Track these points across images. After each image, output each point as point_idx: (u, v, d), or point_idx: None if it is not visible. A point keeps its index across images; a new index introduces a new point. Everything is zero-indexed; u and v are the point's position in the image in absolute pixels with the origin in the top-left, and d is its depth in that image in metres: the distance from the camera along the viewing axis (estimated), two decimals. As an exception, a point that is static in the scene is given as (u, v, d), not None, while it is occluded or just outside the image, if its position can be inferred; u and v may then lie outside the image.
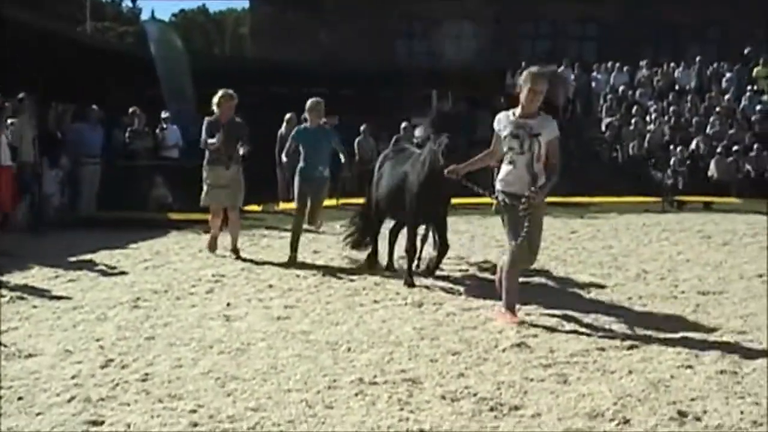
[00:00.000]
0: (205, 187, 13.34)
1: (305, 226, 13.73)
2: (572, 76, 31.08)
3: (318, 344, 7.92)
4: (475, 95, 28.63)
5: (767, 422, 5.86)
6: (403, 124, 25.33)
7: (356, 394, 6.36)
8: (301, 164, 13.40)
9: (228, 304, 9.75)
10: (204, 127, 13.27)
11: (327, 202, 22.01)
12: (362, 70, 29.63)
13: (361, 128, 24.79)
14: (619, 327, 8.62)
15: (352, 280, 11.37)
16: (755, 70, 31.91)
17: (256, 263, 12.80)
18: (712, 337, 8.32)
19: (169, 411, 5.98)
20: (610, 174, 25.47)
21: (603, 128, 28.63)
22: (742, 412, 6.02)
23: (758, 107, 29.82)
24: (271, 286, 10.96)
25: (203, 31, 74.25)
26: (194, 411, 5.98)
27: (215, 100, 13.20)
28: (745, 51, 32.75)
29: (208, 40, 72.50)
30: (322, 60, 31.28)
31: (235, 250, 13.41)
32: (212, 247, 13.59)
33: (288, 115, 23.50)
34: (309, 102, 13.59)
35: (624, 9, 36.44)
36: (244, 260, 12.90)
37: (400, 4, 35.74)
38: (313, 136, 13.38)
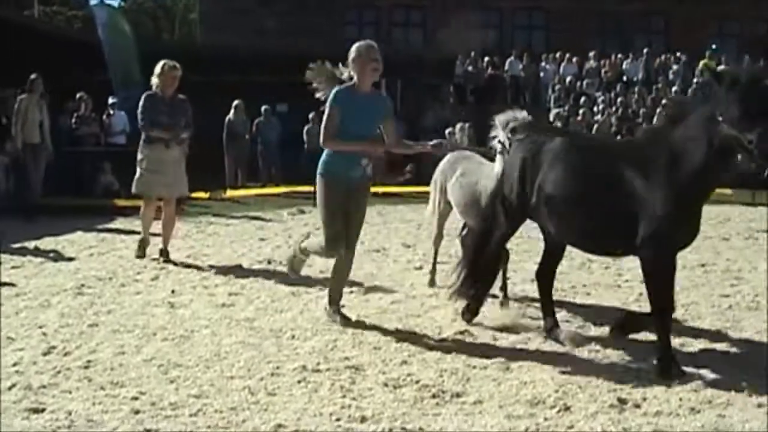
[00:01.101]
0: (139, 171, 11.60)
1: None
2: (520, 66, 31.22)
3: (262, 331, 7.93)
4: (424, 83, 28.71)
5: (705, 409, 5.95)
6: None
7: (299, 381, 6.39)
8: (328, 156, 8.16)
9: (173, 291, 9.72)
10: (143, 103, 11.58)
11: (273, 189, 22.16)
12: (311, 56, 29.56)
13: (310, 116, 24.75)
14: (562, 315, 8.66)
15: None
16: (701, 63, 32.24)
17: (203, 251, 12.76)
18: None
19: (111, 398, 5.97)
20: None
21: (551, 118, 28.75)
22: (680, 399, 6.11)
23: (704, 99, 30.15)
24: (216, 273, 10.94)
25: (152, 17, 73.58)
26: (136, 398, 5.97)
27: (157, 70, 11.57)
28: (712, 45, 33.12)
29: (157, 26, 71.88)
30: (271, 46, 31.17)
31: (165, 252, 11.76)
32: (142, 252, 11.94)
33: (236, 102, 23.48)
34: (358, 46, 8.12)
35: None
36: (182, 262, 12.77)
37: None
38: (362, 106, 7.99)
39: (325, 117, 8.05)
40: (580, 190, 7.38)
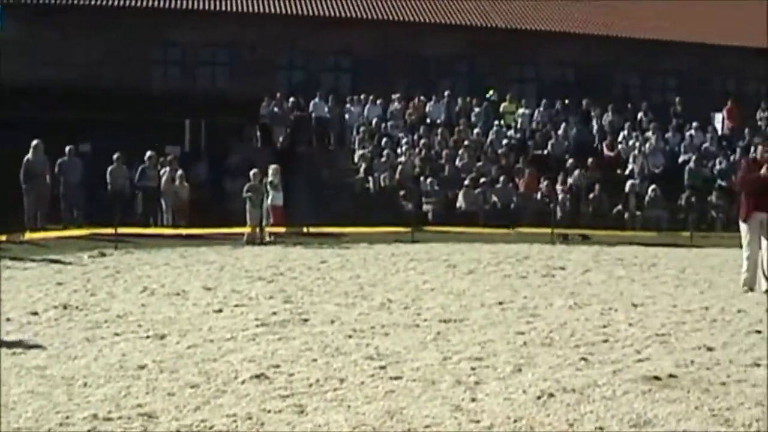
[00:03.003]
0: None
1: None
2: (326, 108, 31.45)
3: (53, 379, 7.72)
4: (229, 124, 28.63)
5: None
6: (148, 154, 24.94)
7: (89, 431, 6.24)
8: None
9: (-40, 340, 9.38)
10: None
11: (74, 231, 21.67)
12: (117, 93, 29.08)
13: (114, 156, 24.39)
14: (359, 356, 8.75)
15: (93, 312, 11.14)
16: (502, 105, 33.25)
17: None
18: (449, 365, 8.55)
19: None
20: (362, 204, 25.92)
21: (356, 159, 29.11)
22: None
23: (504, 141, 31.06)
24: (9, 319, 10.61)
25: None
26: None
27: None
28: (489, 94, 34.06)
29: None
30: (75, 83, 30.42)
31: None
32: None
33: (35, 142, 22.84)
34: None
35: (379, 42, 36.98)
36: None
37: (158, 28, 35.18)
38: None
39: None
40: None
